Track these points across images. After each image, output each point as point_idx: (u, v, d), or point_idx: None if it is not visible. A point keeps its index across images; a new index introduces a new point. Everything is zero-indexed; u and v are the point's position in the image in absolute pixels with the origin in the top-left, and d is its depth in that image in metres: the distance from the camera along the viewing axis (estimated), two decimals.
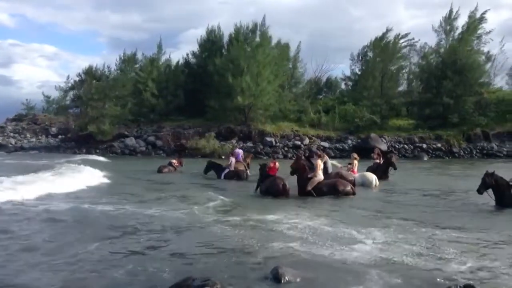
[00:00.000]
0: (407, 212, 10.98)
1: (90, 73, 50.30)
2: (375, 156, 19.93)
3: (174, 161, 23.66)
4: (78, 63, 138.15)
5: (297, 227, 8.81)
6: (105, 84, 46.13)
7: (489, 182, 11.34)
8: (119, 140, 41.92)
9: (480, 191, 11.43)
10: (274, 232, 8.44)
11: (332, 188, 13.42)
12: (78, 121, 46.06)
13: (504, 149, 35.95)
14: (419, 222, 9.56)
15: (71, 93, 54.71)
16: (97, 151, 40.28)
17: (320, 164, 14.14)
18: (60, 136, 47.61)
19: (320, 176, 13.77)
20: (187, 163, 25.51)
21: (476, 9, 41.70)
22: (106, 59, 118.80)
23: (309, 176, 13.56)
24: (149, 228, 8.69)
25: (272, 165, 15.15)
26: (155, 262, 6.42)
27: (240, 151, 22.66)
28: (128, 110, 43.70)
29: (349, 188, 13.58)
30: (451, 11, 42.75)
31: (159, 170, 21.98)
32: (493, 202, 11.52)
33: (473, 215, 10.74)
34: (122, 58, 49.76)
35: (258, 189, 14.40)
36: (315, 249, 7.15)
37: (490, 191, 11.46)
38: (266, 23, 44.91)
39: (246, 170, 19.94)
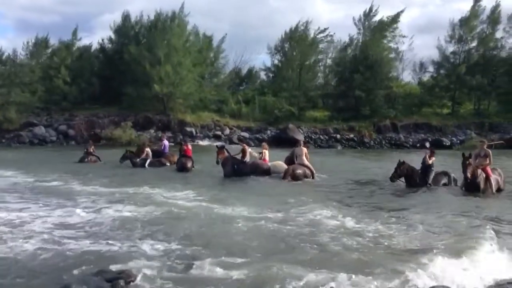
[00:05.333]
0: (331, 195, 11.66)
1: None
2: None
3: (90, 149, 21.66)
4: None
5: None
6: (10, 69, 42.88)
7: (401, 172, 12.72)
8: (27, 129, 39.15)
9: (392, 179, 12.76)
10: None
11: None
12: None
13: (410, 139, 38.51)
14: (340, 204, 10.28)
15: None
16: (3, 141, 37.51)
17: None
18: None
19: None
20: (107, 155, 22.31)
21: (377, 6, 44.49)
22: (13, 43, 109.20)
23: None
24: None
25: (185, 147, 18.19)
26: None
27: (167, 143, 21.19)
28: (38, 97, 41.06)
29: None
30: (371, 8, 45.01)
31: (81, 160, 20.70)
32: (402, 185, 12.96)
33: (388, 196, 11.74)
34: (33, 42, 46.47)
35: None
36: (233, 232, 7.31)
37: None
38: (185, 11, 44.18)
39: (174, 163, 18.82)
